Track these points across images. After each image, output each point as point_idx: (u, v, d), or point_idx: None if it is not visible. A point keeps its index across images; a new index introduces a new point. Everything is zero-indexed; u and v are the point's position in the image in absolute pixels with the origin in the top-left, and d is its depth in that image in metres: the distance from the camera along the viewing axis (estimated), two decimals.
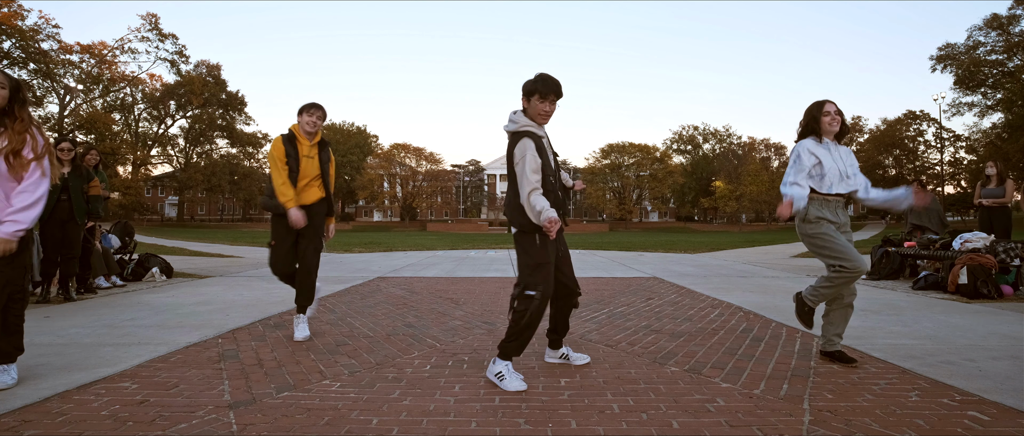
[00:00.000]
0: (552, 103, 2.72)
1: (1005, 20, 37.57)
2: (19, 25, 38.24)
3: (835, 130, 3.03)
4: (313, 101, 3.75)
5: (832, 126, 3.02)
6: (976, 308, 4.93)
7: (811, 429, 2.07)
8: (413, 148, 69.95)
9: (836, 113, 3.02)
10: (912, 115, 53.47)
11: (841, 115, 3.05)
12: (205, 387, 2.57)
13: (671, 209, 74.92)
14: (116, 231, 7.74)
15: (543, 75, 2.69)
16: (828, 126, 3.02)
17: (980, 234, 6.74)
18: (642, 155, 67.82)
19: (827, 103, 3.04)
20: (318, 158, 3.76)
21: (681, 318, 4.47)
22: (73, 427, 2.06)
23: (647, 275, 8.33)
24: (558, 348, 3.05)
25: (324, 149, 3.83)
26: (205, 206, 69.22)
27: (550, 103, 2.71)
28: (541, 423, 2.13)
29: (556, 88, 2.70)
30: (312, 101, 3.75)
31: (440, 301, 5.46)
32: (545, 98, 2.69)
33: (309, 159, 3.70)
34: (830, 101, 3.04)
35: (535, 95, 2.69)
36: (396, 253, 15.04)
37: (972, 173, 42.61)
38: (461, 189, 79.69)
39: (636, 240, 26.84)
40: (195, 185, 55.14)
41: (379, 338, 3.71)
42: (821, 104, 3.05)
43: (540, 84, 2.68)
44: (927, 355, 3.19)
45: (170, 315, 4.55)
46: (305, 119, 3.66)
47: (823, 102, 3.06)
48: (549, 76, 2.70)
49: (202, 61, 53.91)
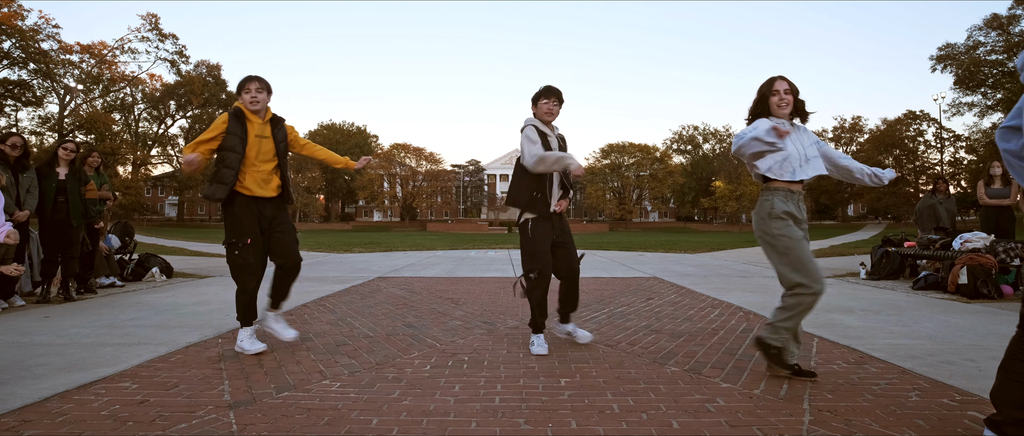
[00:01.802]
0: (553, 103, 3.28)
1: (1005, 20, 37.57)
2: (19, 25, 38.22)
3: (786, 112, 2.64)
4: (249, 74, 3.27)
5: (781, 107, 2.63)
6: (976, 308, 4.93)
7: (811, 429, 2.07)
8: (413, 148, 69.96)
9: (786, 91, 2.64)
10: (912, 115, 53.45)
11: (793, 93, 2.66)
12: (205, 387, 2.57)
13: (671, 209, 74.92)
14: (116, 231, 7.74)
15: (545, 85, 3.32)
16: (777, 107, 2.64)
17: (980, 234, 6.74)
18: (642, 155, 67.81)
19: (778, 80, 2.67)
20: (272, 138, 3.24)
21: (681, 318, 4.47)
22: (73, 427, 2.06)
23: (647, 275, 8.33)
24: (567, 322, 3.52)
25: (278, 127, 3.29)
26: (205, 206, 69.20)
27: (552, 103, 3.28)
28: (541, 423, 2.13)
29: (553, 89, 3.29)
30: (248, 74, 3.27)
31: (440, 301, 5.46)
32: (546, 98, 3.28)
33: (262, 139, 3.18)
34: (782, 78, 2.67)
35: (540, 99, 3.30)
36: (396, 253, 15.04)
37: (972, 173, 42.60)
38: (461, 189, 79.66)
39: (636, 240, 26.83)
40: (195, 185, 55.08)
41: (379, 338, 3.71)
42: (771, 81, 2.68)
43: (541, 89, 3.32)
44: (927, 355, 3.19)
45: (170, 315, 4.55)
46: (245, 98, 3.19)
47: (773, 79, 2.68)
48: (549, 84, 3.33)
49: (202, 61, 53.88)
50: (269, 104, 3.32)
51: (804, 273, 2.50)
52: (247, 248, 3.11)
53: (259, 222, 3.17)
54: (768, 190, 2.62)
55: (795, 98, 2.66)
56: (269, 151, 3.20)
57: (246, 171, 3.14)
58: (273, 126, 3.27)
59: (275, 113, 3.35)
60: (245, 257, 3.12)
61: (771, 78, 2.69)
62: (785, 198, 2.58)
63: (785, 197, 2.58)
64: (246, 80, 3.22)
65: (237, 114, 3.17)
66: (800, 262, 2.51)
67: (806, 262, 2.51)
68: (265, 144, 3.19)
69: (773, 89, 2.64)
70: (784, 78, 2.66)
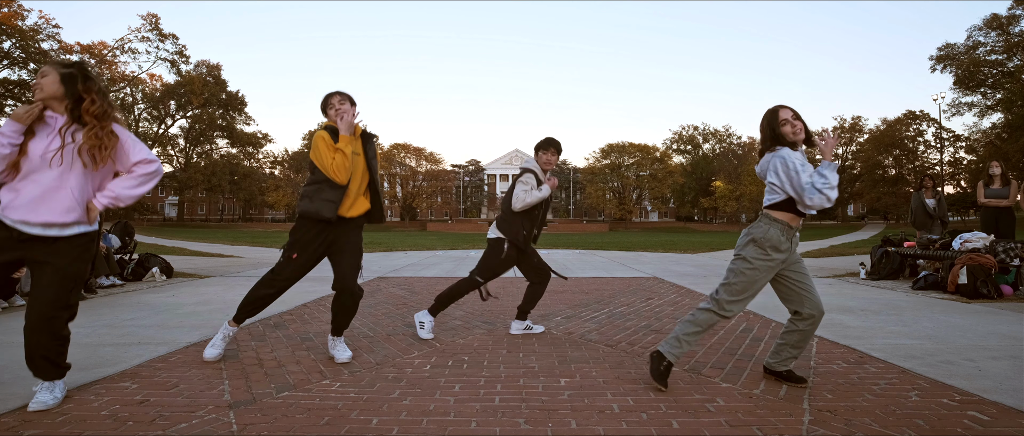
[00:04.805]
0: (552, 154, 3.69)
1: (1005, 20, 37.53)
2: (19, 25, 38.19)
3: (801, 138, 2.52)
4: (335, 90, 3.09)
5: (797, 134, 2.51)
6: (976, 308, 4.93)
7: (811, 429, 2.07)
8: (413, 148, 69.94)
9: (795, 118, 2.53)
10: (912, 115, 53.43)
11: (800, 120, 2.55)
12: (205, 387, 2.57)
13: (671, 209, 74.89)
14: (116, 231, 7.74)
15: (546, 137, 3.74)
16: (793, 135, 2.51)
17: (980, 234, 6.74)
18: (642, 155, 67.79)
19: (781, 109, 2.56)
20: (364, 154, 3.05)
21: (681, 318, 4.47)
22: (73, 427, 2.06)
23: (647, 275, 8.33)
24: (524, 319, 3.89)
25: (369, 143, 3.08)
26: (205, 206, 69.24)
27: (549, 154, 3.69)
28: (541, 423, 2.13)
29: (552, 142, 3.72)
30: (334, 90, 3.10)
31: None
32: (545, 150, 3.69)
33: (354, 156, 2.97)
34: (784, 106, 2.56)
35: (540, 150, 3.71)
36: (396, 253, 15.04)
37: (972, 173, 42.57)
38: (461, 189, 79.66)
39: (636, 240, 26.83)
40: (195, 185, 55.07)
41: (379, 338, 3.71)
42: (775, 112, 2.56)
43: (541, 141, 3.73)
44: (927, 355, 3.19)
45: (170, 315, 4.55)
46: (332, 114, 3.03)
47: (776, 109, 2.56)
48: (549, 137, 3.75)
49: (202, 61, 53.85)
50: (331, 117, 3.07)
51: (739, 295, 2.54)
52: (291, 262, 2.96)
53: (325, 240, 2.98)
54: (771, 219, 2.53)
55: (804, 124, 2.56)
56: (360, 171, 3.01)
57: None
58: (364, 143, 3.07)
59: (365, 129, 3.11)
60: (284, 269, 2.98)
61: (773, 109, 2.58)
62: (783, 231, 2.51)
63: (783, 230, 2.52)
64: (332, 95, 3.06)
65: (330, 129, 2.97)
66: (744, 291, 2.54)
67: (747, 294, 2.55)
68: (357, 162, 3.00)
69: (781, 119, 2.53)
70: (787, 106, 2.56)
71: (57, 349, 2.30)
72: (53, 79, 2.28)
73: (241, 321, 3.09)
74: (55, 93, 2.29)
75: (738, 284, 2.54)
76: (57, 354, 2.30)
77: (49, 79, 2.28)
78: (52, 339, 2.27)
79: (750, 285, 2.54)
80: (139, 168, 2.38)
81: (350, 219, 3.01)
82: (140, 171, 2.38)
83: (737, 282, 2.55)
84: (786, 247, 2.53)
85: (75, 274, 2.30)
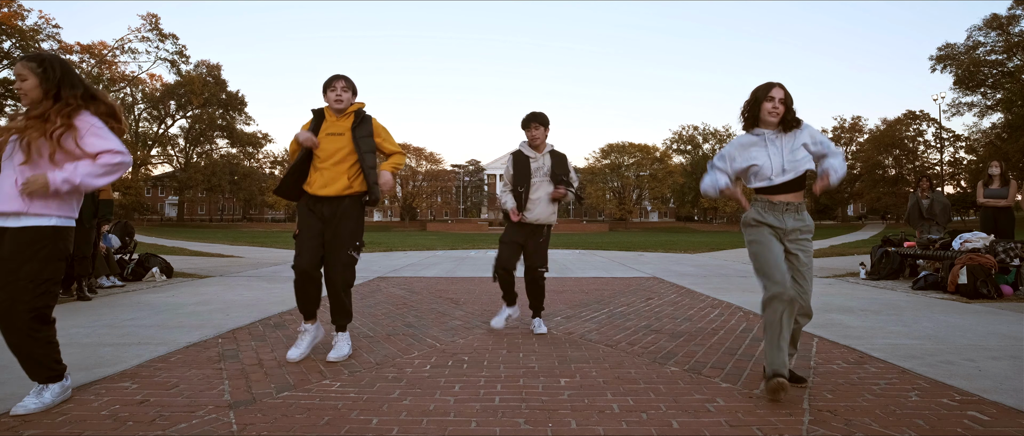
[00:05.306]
0: (535, 128, 3.69)
1: (1005, 20, 37.50)
2: (19, 25, 38.18)
3: (774, 121, 2.56)
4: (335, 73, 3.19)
5: (772, 115, 2.55)
6: (976, 308, 4.93)
7: (811, 429, 2.07)
8: (413, 148, 69.95)
9: (781, 100, 2.54)
10: (912, 115, 53.40)
11: (786, 103, 2.56)
12: (205, 387, 2.57)
13: (671, 209, 74.87)
14: (116, 231, 7.74)
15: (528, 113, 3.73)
16: (768, 113, 2.55)
17: (980, 234, 6.74)
18: (642, 155, 67.78)
19: (775, 87, 2.56)
20: (352, 134, 3.08)
21: (681, 318, 4.47)
22: (73, 427, 2.06)
23: (647, 275, 8.33)
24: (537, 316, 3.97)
25: (362, 124, 3.14)
26: (205, 206, 69.20)
27: (533, 129, 3.69)
28: (541, 423, 2.13)
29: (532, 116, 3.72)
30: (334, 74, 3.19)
31: (440, 301, 5.46)
32: (528, 127, 3.71)
33: (334, 137, 3.07)
34: (780, 85, 2.57)
35: (524, 128, 3.75)
36: (396, 253, 15.04)
37: (972, 173, 42.55)
38: (461, 189, 79.67)
39: (636, 240, 26.83)
40: (195, 185, 55.08)
41: (379, 338, 3.71)
42: (768, 87, 2.57)
43: (524, 118, 3.75)
44: (927, 355, 3.19)
45: (170, 315, 4.55)
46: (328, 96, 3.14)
47: (771, 85, 2.57)
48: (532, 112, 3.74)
49: (202, 61, 53.83)
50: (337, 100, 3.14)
51: (765, 275, 2.49)
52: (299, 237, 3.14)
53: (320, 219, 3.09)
54: (752, 201, 2.64)
55: (787, 108, 2.57)
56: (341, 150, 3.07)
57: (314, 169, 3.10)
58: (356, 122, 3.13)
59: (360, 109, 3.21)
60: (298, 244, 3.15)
61: (769, 83, 2.60)
62: (763, 208, 2.55)
63: (763, 207, 2.55)
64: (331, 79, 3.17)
65: (318, 112, 3.21)
66: (759, 262, 2.52)
67: (765, 263, 2.49)
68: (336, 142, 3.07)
69: (769, 95, 2.55)
70: (781, 86, 2.58)
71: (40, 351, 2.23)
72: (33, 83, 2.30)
73: (309, 317, 3.17)
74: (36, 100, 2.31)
75: (756, 265, 2.57)
76: (42, 355, 2.24)
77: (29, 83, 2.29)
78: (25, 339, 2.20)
79: (764, 257, 2.50)
80: (104, 158, 2.29)
81: (332, 198, 3.07)
82: (104, 160, 2.29)
83: (755, 264, 2.58)
84: (772, 220, 2.55)
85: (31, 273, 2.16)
